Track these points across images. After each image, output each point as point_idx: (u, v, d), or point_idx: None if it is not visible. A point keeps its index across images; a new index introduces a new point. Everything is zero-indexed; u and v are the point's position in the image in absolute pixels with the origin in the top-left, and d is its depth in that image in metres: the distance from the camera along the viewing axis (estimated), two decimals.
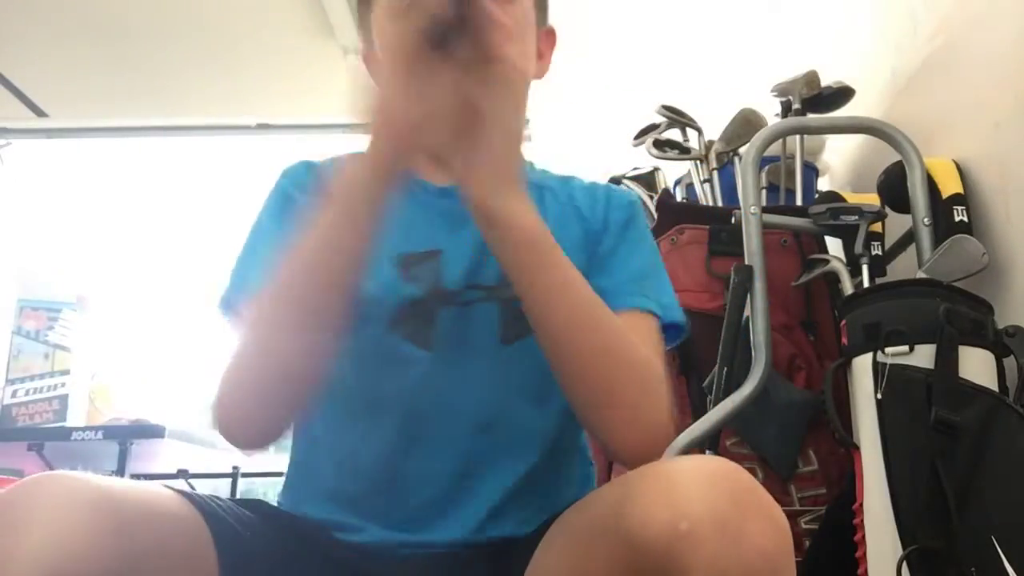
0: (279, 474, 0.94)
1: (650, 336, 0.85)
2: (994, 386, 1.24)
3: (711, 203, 1.98)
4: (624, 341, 0.79)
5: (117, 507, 0.63)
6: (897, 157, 1.59)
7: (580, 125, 3.20)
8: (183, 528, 0.69)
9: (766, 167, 1.89)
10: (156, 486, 0.73)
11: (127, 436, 2.46)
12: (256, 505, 0.82)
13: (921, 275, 1.40)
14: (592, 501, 0.72)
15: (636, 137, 2.12)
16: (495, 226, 0.74)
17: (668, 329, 0.89)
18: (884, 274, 1.58)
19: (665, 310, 0.87)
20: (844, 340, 1.36)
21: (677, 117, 2.05)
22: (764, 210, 1.59)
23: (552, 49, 0.98)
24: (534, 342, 0.82)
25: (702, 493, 0.58)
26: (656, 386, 0.80)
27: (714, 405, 1.48)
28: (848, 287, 1.52)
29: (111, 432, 2.46)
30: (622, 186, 2.11)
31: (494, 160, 0.73)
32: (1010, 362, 1.28)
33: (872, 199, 1.63)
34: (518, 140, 0.75)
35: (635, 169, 2.20)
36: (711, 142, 2.01)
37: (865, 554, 1.24)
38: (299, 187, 0.91)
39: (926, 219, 1.51)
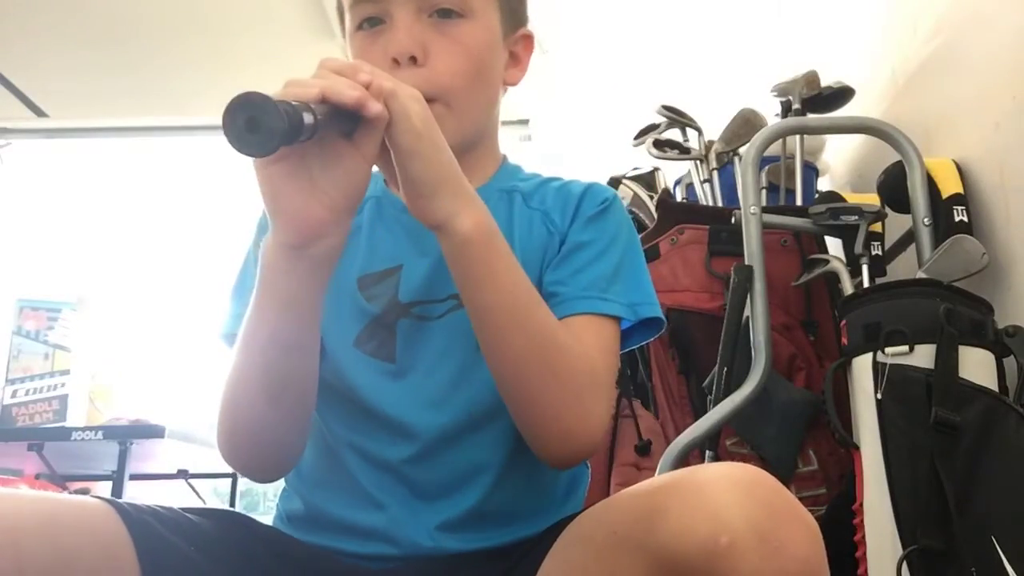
0: None
1: (602, 338, 0.84)
2: (994, 386, 1.24)
3: (711, 203, 1.98)
4: (556, 347, 0.77)
5: (13, 524, 0.63)
6: (897, 157, 1.59)
7: (580, 125, 3.20)
8: (99, 541, 0.68)
9: (766, 167, 1.89)
10: (79, 499, 0.73)
11: (127, 436, 2.46)
12: (223, 515, 0.82)
13: (921, 275, 1.40)
14: (612, 510, 0.70)
15: (636, 137, 2.12)
16: (436, 230, 0.74)
17: (643, 326, 0.88)
18: (884, 274, 1.58)
19: (633, 308, 0.86)
20: (844, 340, 1.36)
21: (677, 117, 2.05)
22: (764, 210, 1.59)
23: (529, 53, 0.96)
24: None
25: (739, 504, 0.57)
26: (587, 395, 0.79)
27: (714, 405, 1.48)
28: (848, 287, 1.52)
29: (111, 432, 2.45)
30: (622, 186, 2.11)
31: (420, 181, 0.72)
32: (1010, 362, 1.28)
33: (872, 199, 1.63)
34: (440, 155, 0.72)
35: (635, 169, 2.20)
36: (711, 142, 2.01)
37: (865, 554, 1.24)
38: None
39: (926, 219, 1.51)
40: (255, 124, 0.60)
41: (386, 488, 0.84)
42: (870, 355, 1.28)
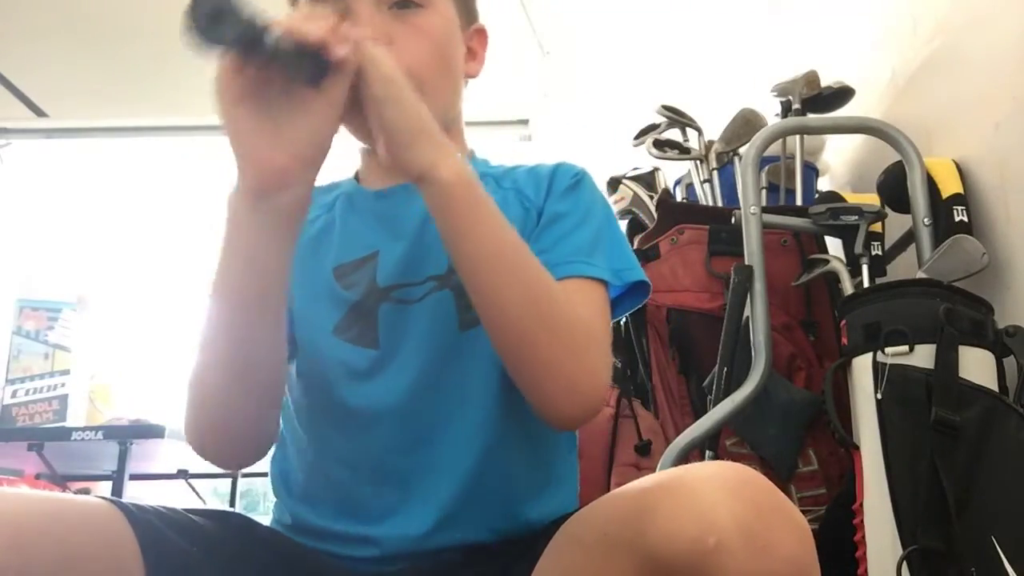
0: None
1: (593, 300, 0.84)
2: (994, 386, 1.24)
3: (711, 203, 1.98)
4: (551, 298, 0.77)
5: (17, 523, 0.63)
6: (897, 157, 1.59)
7: (580, 125, 3.20)
8: (104, 540, 0.68)
9: (766, 167, 1.89)
10: (84, 498, 0.73)
11: (127, 436, 2.46)
12: (225, 516, 0.81)
13: (921, 275, 1.40)
14: (602, 512, 0.70)
15: (636, 137, 2.12)
16: (418, 181, 0.74)
17: (629, 294, 0.89)
18: (884, 274, 1.58)
19: (618, 274, 0.87)
20: (844, 340, 1.36)
21: (677, 117, 2.05)
22: (764, 210, 1.59)
23: (485, 47, 0.99)
24: None
25: (727, 504, 0.57)
26: (589, 349, 0.79)
27: (714, 405, 1.48)
28: (848, 287, 1.52)
29: (111, 432, 2.45)
30: (622, 186, 2.11)
31: (396, 129, 0.72)
32: (1010, 362, 1.28)
33: (872, 199, 1.63)
34: (414, 104, 0.73)
35: (635, 169, 2.20)
36: (711, 142, 2.01)
37: (865, 554, 1.24)
38: None
39: (926, 219, 1.51)
40: (218, 16, 0.61)
41: (373, 488, 0.83)
42: (870, 355, 1.28)
